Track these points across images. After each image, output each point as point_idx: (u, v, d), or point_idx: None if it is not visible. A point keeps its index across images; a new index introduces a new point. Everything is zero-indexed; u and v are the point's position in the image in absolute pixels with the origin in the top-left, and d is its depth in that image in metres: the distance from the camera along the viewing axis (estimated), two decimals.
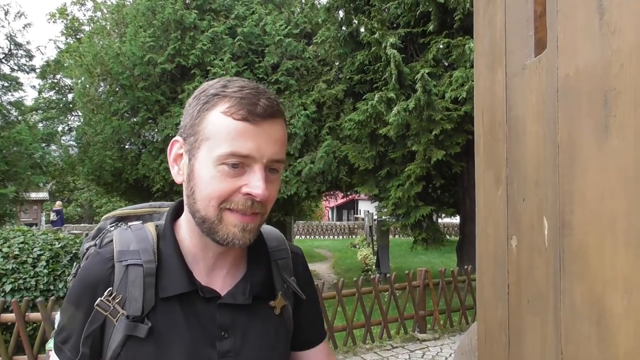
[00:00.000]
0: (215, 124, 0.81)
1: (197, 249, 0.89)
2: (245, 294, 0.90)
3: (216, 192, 0.81)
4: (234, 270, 0.93)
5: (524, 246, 0.78)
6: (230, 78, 0.87)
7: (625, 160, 0.51)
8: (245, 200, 0.81)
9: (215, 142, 0.81)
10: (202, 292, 0.87)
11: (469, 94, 7.84)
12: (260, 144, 0.81)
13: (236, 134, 0.80)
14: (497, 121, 0.94)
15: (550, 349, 0.67)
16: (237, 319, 0.89)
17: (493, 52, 0.97)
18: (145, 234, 0.89)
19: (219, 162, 0.80)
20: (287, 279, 0.97)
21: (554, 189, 0.66)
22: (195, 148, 0.83)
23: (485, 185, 1.06)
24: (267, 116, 0.81)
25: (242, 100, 0.81)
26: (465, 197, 10.11)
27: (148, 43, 10.63)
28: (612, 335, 0.52)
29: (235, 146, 0.79)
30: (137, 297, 0.83)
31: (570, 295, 0.61)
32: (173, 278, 0.86)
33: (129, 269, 0.85)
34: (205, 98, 0.84)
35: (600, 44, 0.56)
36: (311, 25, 11.72)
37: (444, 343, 6.47)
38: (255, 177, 0.81)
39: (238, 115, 0.80)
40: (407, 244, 14.66)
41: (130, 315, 0.82)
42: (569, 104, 0.62)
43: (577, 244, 0.60)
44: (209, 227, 0.83)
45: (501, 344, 0.92)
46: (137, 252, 0.86)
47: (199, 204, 0.83)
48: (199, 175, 0.83)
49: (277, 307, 0.94)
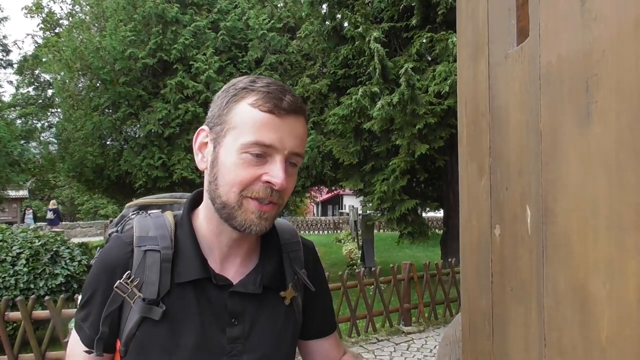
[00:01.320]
0: (242, 114, 0.85)
1: (212, 236, 0.93)
2: (256, 284, 0.93)
3: (238, 178, 0.84)
4: (247, 260, 0.96)
5: (507, 235, 0.79)
6: (258, 75, 0.92)
7: (606, 146, 0.51)
8: (265, 188, 0.85)
9: (241, 131, 0.85)
10: (215, 279, 0.90)
11: (452, 88, 7.89)
12: (283, 136, 0.85)
13: (261, 124, 0.84)
14: (481, 111, 0.94)
15: (533, 337, 0.67)
16: (247, 307, 0.92)
17: (476, 43, 0.97)
18: (164, 222, 0.94)
19: (242, 150, 0.84)
20: (297, 271, 1.00)
21: (537, 177, 0.66)
22: (221, 136, 0.87)
23: (468, 175, 1.06)
24: (291, 111, 0.86)
25: (269, 94, 0.85)
26: (449, 191, 10.19)
27: (129, 37, 10.47)
28: (595, 321, 0.53)
29: (260, 136, 0.84)
30: (154, 281, 0.87)
31: (554, 282, 0.61)
32: (188, 264, 0.90)
33: (147, 254, 0.89)
34: (234, 91, 0.88)
35: (582, 31, 0.56)
36: (294, 19, 11.67)
37: (429, 335, 6.53)
38: (276, 167, 0.85)
39: (265, 108, 0.84)
40: (391, 238, 14.76)
41: (146, 298, 0.87)
42: (551, 91, 0.62)
43: (560, 231, 0.60)
44: (228, 212, 0.87)
45: (485, 333, 0.93)
46: (156, 239, 0.90)
47: (221, 189, 0.87)
48: (223, 162, 0.87)
49: (287, 297, 0.97)
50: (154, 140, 10.84)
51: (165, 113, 10.42)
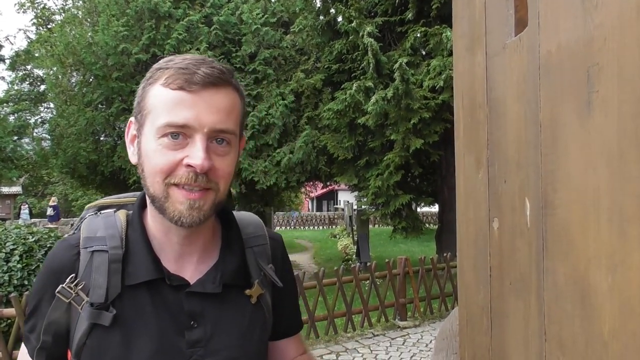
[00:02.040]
0: (155, 97, 0.80)
1: (161, 234, 0.87)
2: (215, 282, 0.86)
3: (159, 165, 0.78)
4: (205, 257, 0.90)
5: (505, 228, 0.78)
6: (182, 55, 0.84)
7: (608, 136, 0.50)
8: (187, 172, 0.78)
9: (155, 115, 0.79)
10: (169, 279, 0.84)
11: (447, 82, 7.89)
12: (199, 113, 0.78)
13: (172, 103, 0.78)
14: (478, 103, 0.93)
15: (533, 331, 0.67)
16: (207, 307, 0.86)
17: (472, 33, 0.96)
18: (114, 221, 0.88)
19: (159, 134, 0.78)
20: (264, 266, 0.93)
21: (536, 169, 0.65)
22: (141, 125, 0.82)
23: (465, 169, 1.05)
24: (206, 84, 0.79)
25: (181, 70, 0.79)
26: (444, 186, 10.21)
27: (121, 32, 10.39)
28: (597, 314, 0.52)
29: (172, 116, 0.77)
30: (101, 283, 0.81)
31: (554, 275, 0.60)
32: (140, 265, 0.83)
33: (94, 255, 0.82)
34: (150, 74, 0.83)
35: (582, 19, 0.55)
36: (288, 14, 11.61)
37: (424, 330, 6.55)
38: (195, 147, 0.78)
39: (175, 85, 0.78)
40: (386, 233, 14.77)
41: (94, 303, 0.80)
42: (550, 81, 0.61)
43: (560, 223, 0.59)
44: (159, 205, 0.81)
45: (483, 328, 0.92)
46: (104, 239, 0.84)
47: (147, 181, 0.81)
48: (145, 151, 0.81)
49: (253, 295, 0.90)
50: None
51: None
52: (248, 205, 11.66)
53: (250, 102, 10.66)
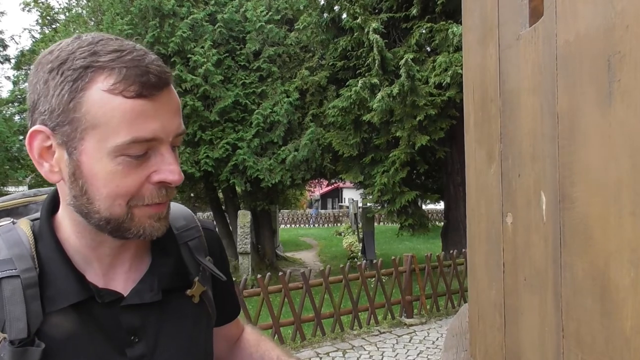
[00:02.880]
0: (102, 107, 0.65)
1: (88, 249, 0.75)
2: (153, 289, 0.77)
3: (122, 189, 0.68)
4: (137, 263, 0.80)
5: (520, 223, 0.76)
6: (89, 38, 0.69)
7: (630, 127, 0.49)
8: (158, 190, 0.69)
9: (107, 130, 0.66)
10: (99, 297, 0.73)
11: (453, 79, 7.84)
12: (164, 121, 0.68)
13: (133, 115, 0.65)
14: (490, 97, 0.92)
15: (550, 327, 0.65)
16: (147, 318, 0.77)
17: (484, 26, 0.94)
18: (18, 236, 0.73)
19: (117, 153, 0.66)
20: (201, 261, 0.85)
21: (553, 162, 0.64)
22: (75, 139, 0.67)
23: (476, 163, 1.04)
24: (163, 85, 0.68)
25: (128, 71, 0.65)
26: (450, 183, 10.18)
27: (126, 31, 10.39)
28: (618, 309, 0.50)
29: (137, 131, 0.65)
30: (19, 315, 0.67)
31: (572, 270, 0.59)
32: (60, 286, 0.71)
33: (2, 283, 0.69)
34: (72, 73, 0.66)
35: (603, 6, 0.53)
36: (292, 11, 11.58)
37: (431, 327, 6.53)
38: (166, 160, 0.69)
39: (130, 92, 0.65)
40: (391, 231, 14.75)
41: (14, 340, 0.66)
42: (569, 71, 0.59)
43: (579, 217, 0.57)
44: (116, 227, 0.70)
45: (496, 324, 0.91)
46: (10, 261, 0.70)
47: (97, 204, 0.69)
48: (91, 173, 0.68)
49: (195, 295, 0.82)
50: None
51: None
52: (253, 203, 11.65)
53: (255, 99, 10.65)
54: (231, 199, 12.64)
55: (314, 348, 5.73)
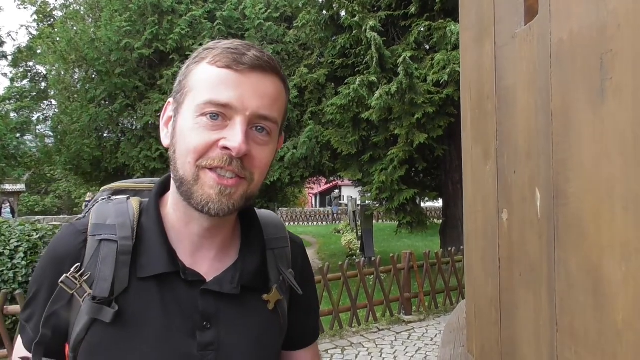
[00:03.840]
0: (199, 74, 0.76)
1: (181, 224, 0.81)
2: (233, 283, 0.80)
3: (192, 145, 0.73)
4: (223, 254, 0.84)
5: (515, 219, 0.77)
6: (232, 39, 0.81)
7: (622, 124, 0.50)
8: (222, 155, 0.73)
9: (197, 92, 0.75)
10: (184, 274, 0.78)
11: (451, 76, 7.84)
12: (244, 94, 0.73)
13: (218, 81, 0.73)
14: (486, 94, 0.93)
15: (544, 321, 0.66)
16: (222, 309, 0.80)
17: (481, 24, 0.95)
18: (126, 208, 0.82)
19: (198, 112, 0.74)
20: (283, 271, 0.88)
21: (547, 159, 0.65)
22: (180, 104, 0.77)
23: (473, 160, 1.05)
24: (255, 67, 0.74)
25: (230, 50, 0.75)
26: (448, 181, 10.18)
27: (124, 28, 10.38)
28: (610, 303, 0.51)
29: (215, 93, 0.73)
30: (107, 276, 0.74)
31: (565, 265, 0.60)
32: (153, 256, 0.77)
33: (102, 244, 0.77)
34: (196, 54, 0.79)
35: (595, 5, 0.54)
36: (291, 9, 11.57)
37: (429, 324, 6.55)
38: (235, 129, 0.73)
39: (222, 63, 0.74)
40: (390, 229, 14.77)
41: (96, 297, 0.74)
42: (562, 69, 0.60)
43: (572, 212, 0.58)
44: (186, 189, 0.75)
45: (492, 320, 0.92)
46: (114, 227, 0.78)
47: (178, 162, 0.76)
48: (180, 130, 0.76)
49: (271, 301, 0.84)
50: (151, 131, 10.79)
51: (163, 104, 10.34)
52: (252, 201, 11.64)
53: None
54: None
55: None
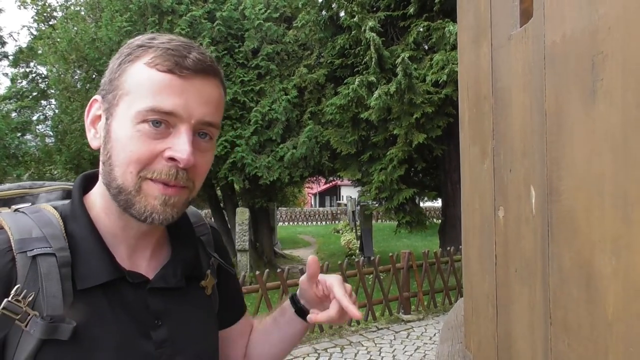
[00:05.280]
0: (137, 76, 0.71)
1: (117, 228, 0.78)
2: (176, 276, 0.81)
3: (135, 155, 0.70)
4: (157, 251, 0.83)
5: (511, 216, 0.79)
6: (165, 34, 0.76)
7: (612, 123, 0.52)
8: (169, 167, 0.71)
9: (135, 97, 0.71)
10: (129, 277, 0.76)
11: (450, 76, 7.87)
12: (189, 101, 0.71)
13: (160, 86, 0.70)
14: (483, 94, 0.94)
15: (538, 316, 0.68)
16: (170, 304, 0.80)
17: (478, 25, 0.97)
18: (48, 217, 0.75)
19: (138, 119, 0.70)
20: (213, 254, 0.90)
21: (542, 157, 0.66)
22: (113, 105, 0.73)
23: (470, 159, 1.06)
24: (198, 71, 0.72)
25: (170, 51, 0.71)
26: (447, 180, 10.21)
27: (125, 28, 10.39)
28: (601, 297, 0.53)
29: (158, 100, 0.69)
30: (56, 292, 0.69)
31: (559, 260, 0.62)
32: (92, 265, 0.73)
33: (38, 259, 0.70)
34: (128, 50, 0.74)
35: (587, 9, 0.56)
36: (291, 9, 11.58)
37: (428, 323, 6.58)
38: (181, 139, 0.70)
39: (163, 67, 0.70)
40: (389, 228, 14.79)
41: (48, 316, 0.68)
42: (556, 71, 0.62)
43: (565, 209, 0.60)
44: (125, 198, 0.72)
45: (489, 316, 0.94)
46: (44, 239, 0.72)
47: (116, 170, 0.72)
48: (116, 137, 0.72)
49: (208, 286, 0.87)
50: None
51: None
52: (251, 201, 11.67)
53: (254, 97, 10.65)
54: (229, 196, 12.65)
55: (312, 344, 5.76)
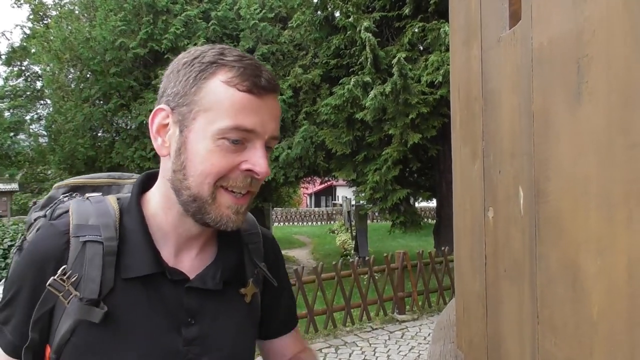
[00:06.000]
0: (216, 94, 0.75)
1: (170, 227, 0.83)
2: (215, 279, 0.84)
3: (215, 168, 0.75)
4: (203, 252, 0.87)
5: (500, 217, 0.80)
6: (221, 45, 0.81)
7: (597, 125, 0.52)
8: (244, 177, 0.77)
9: (216, 114, 0.75)
10: (169, 274, 0.80)
11: (445, 77, 7.89)
12: (264, 119, 0.77)
13: (240, 106, 0.75)
14: (473, 96, 0.95)
15: (526, 315, 0.69)
16: (205, 304, 0.83)
17: (468, 27, 0.98)
18: (107, 208, 0.82)
19: (219, 135, 0.75)
20: (258, 264, 0.92)
21: (530, 159, 0.67)
22: (189, 119, 0.77)
23: (461, 160, 1.07)
24: (269, 90, 0.77)
25: (245, 70, 0.76)
26: (442, 181, 10.23)
27: (119, 27, 10.36)
28: (586, 296, 0.54)
29: (240, 119, 0.75)
30: (95, 277, 0.75)
31: (546, 260, 0.62)
32: (137, 257, 0.79)
33: (87, 245, 0.77)
34: (200, 65, 0.77)
35: (573, 12, 0.57)
36: (286, 9, 11.58)
37: (423, 323, 6.59)
38: (257, 153, 0.77)
39: (243, 87, 0.75)
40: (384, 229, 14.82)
41: (84, 298, 0.74)
42: (543, 73, 0.63)
43: (552, 210, 0.61)
44: (199, 206, 0.78)
45: (479, 315, 0.94)
46: (97, 228, 0.78)
47: (191, 180, 0.77)
48: (194, 149, 0.77)
49: (248, 294, 0.89)
50: (146, 131, 10.74)
51: None
52: None
53: None
54: None
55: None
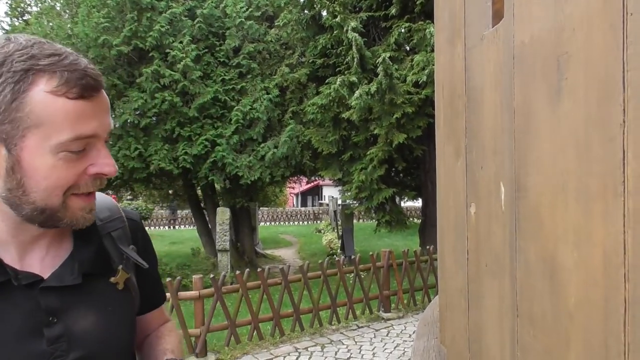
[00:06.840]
0: (46, 107, 0.71)
1: (7, 235, 0.79)
2: (73, 274, 0.82)
3: (62, 181, 0.74)
4: (54, 248, 0.84)
5: (482, 212, 0.81)
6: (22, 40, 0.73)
7: (575, 121, 0.53)
8: (94, 180, 0.77)
9: (51, 128, 0.71)
10: (16, 279, 0.77)
11: (430, 77, 7.95)
12: (101, 119, 0.76)
13: (76, 115, 0.72)
14: (457, 94, 0.96)
15: (507, 309, 0.70)
16: (67, 301, 0.81)
17: (453, 26, 0.99)
18: None
19: (60, 149, 0.72)
20: (125, 250, 0.91)
21: (510, 155, 0.68)
22: (17, 137, 0.71)
23: (445, 157, 1.08)
24: (99, 86, 0.75)
25: (70, 75, 0.72)
26: (427, 180, 10.31)
27: (102, 24, 10.22)
28: (563, 288, 0.55)
29: (79, 129, 0.72)
30: None
31: (525, 254, 0.64)
32: None
33: None
34: (13, 75, 0.70)
35: (553, 10, 0.58)
36: (273, 8, 11.55)
37: (408, 321, 6.63)
38: (102, 154, 0.77)
39: (73, 94, 0.71)
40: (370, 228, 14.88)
41: None
42: (524, 70, 0.64)
43: (532, 204, 0.62)
44: (50, 215, 0.76)
45: (461, 309, 0.96)
46: None
47: (34, 195, 0.74)
48: (32, 167, 0.73)
49: (120, 282, 0.88)
50: (130, 130, 10.64)
51: (142, 102, 10.23)
52: (232, 200, 11.61)
53: (235, 96, 10.60)
54: (210, 196, 12.56)
55: (293, 343, 5.76)
